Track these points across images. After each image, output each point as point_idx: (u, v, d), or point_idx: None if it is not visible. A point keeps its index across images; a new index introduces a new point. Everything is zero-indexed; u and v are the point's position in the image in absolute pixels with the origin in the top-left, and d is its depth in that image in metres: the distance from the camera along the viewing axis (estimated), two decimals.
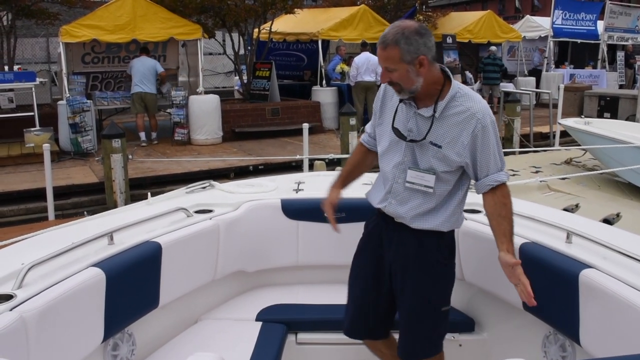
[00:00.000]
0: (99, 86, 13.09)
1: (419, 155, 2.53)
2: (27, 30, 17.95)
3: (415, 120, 2.52)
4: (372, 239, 2.78)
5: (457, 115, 2.47)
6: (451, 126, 2.47)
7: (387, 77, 2.46)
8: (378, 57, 2.48)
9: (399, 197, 2.60)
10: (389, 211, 2.63)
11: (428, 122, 2.48)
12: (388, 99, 2.66)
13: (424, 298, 2.64)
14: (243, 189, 3.79)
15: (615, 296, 2.31)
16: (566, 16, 19.74)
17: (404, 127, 2.55)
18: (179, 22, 12.23)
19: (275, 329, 3.17)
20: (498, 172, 2.51)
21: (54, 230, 3.11)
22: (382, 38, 2.42)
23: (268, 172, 9.37)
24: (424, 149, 2.51)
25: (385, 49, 2.41)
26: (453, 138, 2.47)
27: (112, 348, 2.77)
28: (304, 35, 15.17)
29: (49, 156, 7.71)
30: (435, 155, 2.49)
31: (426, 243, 2.61)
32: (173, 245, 2.98)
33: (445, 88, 2.49)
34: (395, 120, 2.57)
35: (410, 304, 2.66)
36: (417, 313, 2.66)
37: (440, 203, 2.58)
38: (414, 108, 2.53)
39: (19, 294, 2.25)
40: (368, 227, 2.83)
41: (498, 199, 2.52)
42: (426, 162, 2.52)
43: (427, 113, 2.49)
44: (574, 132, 9.36)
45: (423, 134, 2.49)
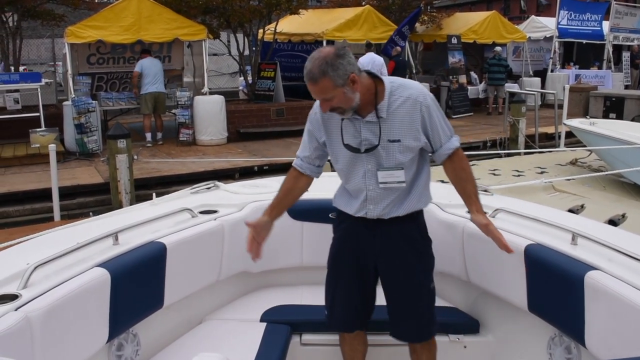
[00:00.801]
0: (104, 87, 13.13)
1: (383, 156, 2.62)
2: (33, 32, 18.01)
3: (367, 128, 2.61)
4: (348, 241, 2.84)
5: (401, 107, 2.59)
6: (401, 118, 2.59)
7: (328, 106, 2.50)
8: (311, 92, 2.50)
9: (375, 200, 2.69)
10: (371, 214, 2.71)
11: (376, 125, 2.60)
12: (327, 119, 2.69)
13: (418, 280, 2.80)
14: (248, 189, 3.79)
15: (621, 298, 2.30)
16: (571, 17, 19.70)
17: (357, 140, 2.63)
18: (184, 22, 12.25)
19: (279, 329, 3.17)
20: (449, 140, 2.66)
21: (59, 230, 3.12)
22: (309, 74, 2.44)
23: (273, 173, 9.37)
24: (385, 149, 2.61)
25: (317, 83, 2.44)
26: (406, 128, 2.59)
27: (117, 348, 2.77)
28: (308, 35, 15.18)
29: (54, 156, 7.73)
30: (397, 150, 2.61)
31: (406, 228, 2.76)
32: (178, 246, 2.98)
33: (380, 89, 2.59)
34: (344, 137, 2.64)
35: (406, 290, 2.80)
36: (415, 296, 2.81)
37: (412, 186, 2.72)
38: (359, 119, 2.61)
39: (24, 294, 2.25)
40: (339, 230, 2.90)
41: (457, 165, 2.69)
42: (391, 160, 2.62)
43: (373, 118, 2.60)
44: (579, 132, 9.34)
45: (378, 137, 2.60)
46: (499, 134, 13.06)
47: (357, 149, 2.63)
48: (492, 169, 9.00)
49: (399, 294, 2.82)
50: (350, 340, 3.01)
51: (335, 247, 2.91)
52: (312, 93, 2.51)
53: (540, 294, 2.77)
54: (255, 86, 14.19)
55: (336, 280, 2.92)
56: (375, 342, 3.13)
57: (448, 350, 3.20)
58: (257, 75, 14.19)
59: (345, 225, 2.84)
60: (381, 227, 2.73)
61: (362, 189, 2.69)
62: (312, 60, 2.45)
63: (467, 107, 16.63)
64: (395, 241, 2.75)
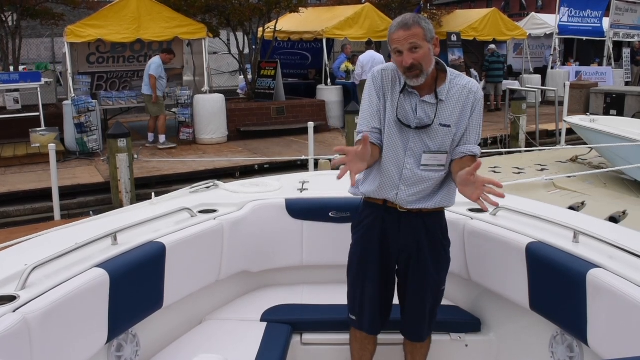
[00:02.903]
0: (104, 86, 13.11)
1: (428, 138, 2.61)
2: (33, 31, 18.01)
3: (422, 108, 2.61)
4: (373, 235, 2.79)
5: (458, 94, 2.62)
6: (454, 105, 2.61)
7: (411, 58, 2.48)
8: (399, 39, 2.48)
9: (408, 182, 2.66)
10: (400, 198, 2.67)
11: (433, 107, 2.60)
12: (386, 86, 2.68)
13: (432, 279, 2.78)
14: (247, 188, 3.77)
15: (623, 296, 2.29)
16: (572, 13, 19.66)
17: (410, 117, 2.61)
18: (184, 21, 12.23)
19: (280, 329, 3.15)
20: (475, 144, 2.65)
21: (57, 230, 3.10)
22: (402, 21, 2.49)
23: (274, 171, 9.37)
24: (433, 132, 2.60)
25: (410, 29, 2.47)
26: (458, 115, 2.61)
27: (116, 349, 2.76)
28: (308, 34, 15.15)
29: (54, 156, 7.72)
30: (445, 135, 2.61)
31: (430, 224, 2.75)
32: (177, 246, 2.96)
33: (441, 74, 2.63)
34: (398, 111, 2.62)
35: (420, 286, 2.77)
36: (427, 294, 2.79)
37: (445, 180, 2.71)
38: (417, 97, 2.61)
39: (22, 295, 2.24)
40: (362, 228, 2.83)
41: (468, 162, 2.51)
42: (437, 144, 2.61)
43: (431, 100, 2.60)
44: (579, 129, 9.32)
45: (432, 119, 2.59)
46: (499, 132, 13.03)
47: (408, 125, 2.61)
48: (492, 167, 8.99)
49: (413, 292, 2.80)
50: (362, 339, 2.98)
51: (361, 246, 2.84)
52: (397, 41, 2.48)
53: (542, 292, 2.76)
54: (255, 85, 14.17)
55: (363, 280, 2.84)
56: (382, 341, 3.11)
57: (449, 349, 3.19)
58: (258, 74, 14.17)
59: (369, 220, 2.79)
60: (407, 220, 2.71)
61: (399, 166, 2.65)
62: (404, 15, 2.53)
63: None
64: (418, 237, 2.73)
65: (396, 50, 2.51)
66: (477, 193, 2.30)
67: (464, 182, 2.36)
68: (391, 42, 2.54)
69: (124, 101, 12.45)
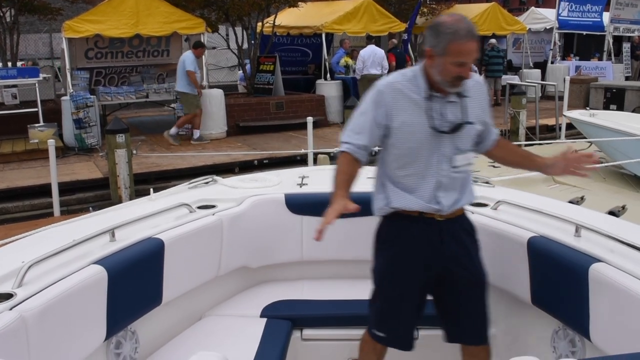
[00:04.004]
0: (103, 81, 13.06)
1: (459, 139, 2.56)
2: (31, 26, 17.95)
3: (449, 109, 2.55)
4: (413, 250, 2.64)
5: (474, 90, 2.61)
6: (474, 101, 2.60)
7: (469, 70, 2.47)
8: (470, 52, 2.40)
9: (446, 186, 2.59)
10: (444, 204, 2.57)
11: (458, 106, 2.56)
12: (396, 100, 2.54)
13: (484, 276, 2.71)
14: (246, 183, 3.75)
15: (626, 290, 2.27)
16: (572, 8, 19.60)
17: (439, 121, 2.52)
18: (182, 16, 12.18)
19: (280, 325, 3.14)
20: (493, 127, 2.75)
21: (55, 227, 3.08)
22: (471, 31, 2.39)
23: (273, 166, 9.35)
24: (463, 131, 2.56)
25: (477, 41, 2.43)
26: (478, 111, 2.61)
27: (115, 346, 2.74)
28: (307, 28, 15.11)
29: (53, 152, 7.70)
30: (470, 132, 2.59)
31: (466, 224, 2.72)
32: (176, 242, 2.94)
33: None
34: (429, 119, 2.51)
35: (476, 290, 2.69)
36: (483, 294, 2.71)
37: (468, 176, 2.70)
38: (441, 99, 2.54)
39: (18, 293, 2.21)
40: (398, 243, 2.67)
41: (506, 144, 2.83)
42: (465, 143, 2.59)
43: (455, 98, 2.56)
44: (579, 124, 9.30)
45: (460, 118, 2.55)
46: (499, 126, 12.91)
47: (442, 130, 2.51)
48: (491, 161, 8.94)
49: (468, 293, 2.67)
50: (382, 349, 2.85)
51: (399, 263, 2.67)
52: (467, 54, 2.39)
53: (544, 287, 2.74)
54: (254, 79, 14.13)
55: (400, 300, 2.69)
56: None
57: (449, 344, 3.16)
58: (256, 69, 14.12)
59: (407, 234, 2.64)
60: (447, 227, 2.61)
61: (433, 175, 2.55)
62: (463, 20, 2.40)
63: None
64: (462, 240, 2.65)
65: (460, 62, 2.40)
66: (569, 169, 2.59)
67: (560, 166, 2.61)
68: (455, 52, 2.38)
69: (123, 97, 12.41)
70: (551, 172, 2.65)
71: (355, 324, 3.24)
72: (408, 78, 2.56)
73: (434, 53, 2.44)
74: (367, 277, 3.60)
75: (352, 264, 3.63)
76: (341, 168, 2.61)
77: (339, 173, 2.60)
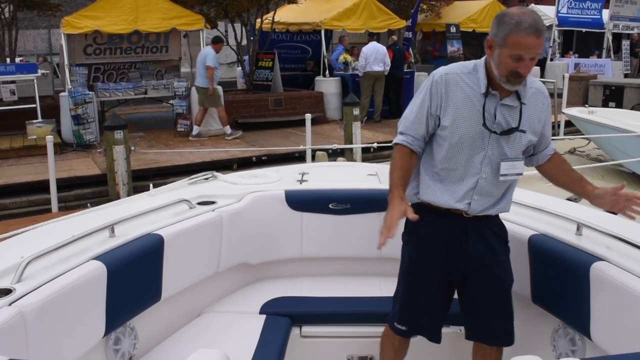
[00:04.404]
0: (101, 77, 13.04)
1: (506, 145, 2.48)
2: (29, 22, 17.91)
3: (502, 111, 2.46)
4: (438, 244, 2.61)
5: (533, 98, 2.52)
6: (532, 109, 2.51)
7: (530, 68, 2.36)
8: (529, 46, 2.29)
9: (482, 190, 2.52)
10: (473, 208, 2.53)
11: (514, 110, 2.47)
12: (450, 93, 2.48)
13: (509, 281, 2.67)
14: (246, 180, 3.74)
15: (627, 289, 2.26)
16: (571, 5, 19.58)
17: (489, 122, 2.45)
18: (181, 12, 12.15)
19: (279, 322, 3.13)
20: (551, 141, 2.65)
21: (54, 222, 3.06)
22: (535, 25, 2.27)
23: (271, 163, 9.33)
24: (511, 138, 2.48)
25: (540, 37, 2.30)
26: (534, 120, 2.52)
27: (114, 342, 2.73)
28: (306, 25, 15.07)
29: (52, 148, 7.68)
30: (521, 140, 2.50)
31: (496, 225, 2.66)
32: (175, 238, 2.93)
33: None
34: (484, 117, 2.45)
35: (500, 292, 2.64)
36: (507, 296, 2.66)
37: (511, 185, 2.62)
38: (496, 99, 2.45)
39: (18, 288, 2.20)
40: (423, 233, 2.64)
41: (560, 161, 2.69)
42: (514, 150, 2.50)
43: (512, 102, 2.47)
44: (577, 121, 9.30)
45: (511, 124, 2.46)
46: None
47: (493, 131, 2.44)
48: None
49: (491, 294, 2.64)
50: (400, 346, 2.83)
51: (424, 256, 2.65)
52: (526, 47, 2.28)
53: (545, 285, 2.73)
54: (253, 76, 14.10)
55: (422, 293, 2.67)
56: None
57: (450, 342, 3.16)
58: (255, 65, 14.10)
59: (432, 226, 2.60)
60: (474, 225, 2.57)
61: (473, 175, 2.49)
62: (530, 13, 2.29)
63: None
64: (489, 241, 2.61)
65: (518, 56, 2.31)
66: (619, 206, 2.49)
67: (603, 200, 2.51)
68: (514, 45, 2.29)
69: (121, 93, 12.37)
70: (598, 203, 2.53)
71: (354, 321, 3.23)
72: (468, 70, 2.50)
73: (494, 43, 2.37)
74: (367, 275, 3.61)
75: (352, 261, 3.62)
76: (398, 164, 2.53)
77: (395, 170, 2.52)
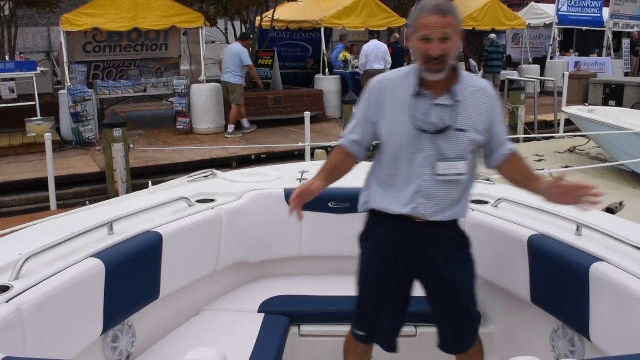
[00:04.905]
0: (101, 75, 13.01)
1: (445, 145, 2.43)
2: (29, 20, 17.87)
3: (436, 111, 2.42)
4: (390, 248, 2.59)
5: (473, 97, 2.45)
6: (470, 108, 2.44)
7: (441, 49, 2.29)
8: (432, 25, 2.28)
9: (427, 194, 2.47)
10: (419, 212, 2.48)
11: (448, 109, 2.42)
12: (386, 96, 2.50)
13: (469, 285, 2.63)
14: (246, 178, 3.73)
15: (627, 290, 2.25)
16: (571, 3, 19.56)
17: (423, 123, 2.42)
18: (181, 10, 12.12)
19: (278, 320, 3.12)
20: (507, 141, 2.56)
21: (53, 220, 3.06)
22: (437, 5, 2.29)
23: (270, 161, 9.32)
24: (449, 137, 2.42)
25: (446, 16, 2.28)
26: (475, 119, 2.45)
27: (112, 340, 2.72)
28: (306, 23, 15.06)
29: (50, 146, 7.68)
30: (462, 141, 2.43)
31: (452, 232, 2.60)
32: (174, 236, 2.92)
33: (454, 72, 2.44)
34: (411, 118, 2.43)
35: (452, 299, 2.61)
36: (465, 303, 2.62)
37: (464, 189, 2.55)
38: (429, 99, 2.42)
39: (15, 286, 2.20)
40: (375, 239, 2.65)
41: (515, 160, 2.56)
42: (454, 151, 2.44)
43: (446, 101, 2.42)
44: (577, 120, 9.30)
45: (446, 123, 2.41)
46: None
47: (424, 131, 2.40)
48: None
49: (443, 301, 2.63)
50: (363, 353, 2.81)
51: (376, 260, 2.64)
52: (430, 27, 2.28)
53: (544, 286, 2.73)
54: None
55: (377, 297, 2.66)
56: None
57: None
58: (255, 63, 14.07)
59: (382, 231, 2.60)
60: (425, 230, 2.52)
61: (416, 178, 2.46)
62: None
63: None
64: (440, 246, 2.56)
65: (425, 37, 2.30)
66: (571, 199, 2.40)
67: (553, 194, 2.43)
68: (419, 27, 2.31)
69: (121, 91, 12.34)
70: (549, 198, 2.47)
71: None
72: (401, 75, 2.51)
73: (410, 35, 2.42)
74: None
75: (351, 260, 3.59)
76: (330, 157, 2.70)
77: (327, 161, 2.70)
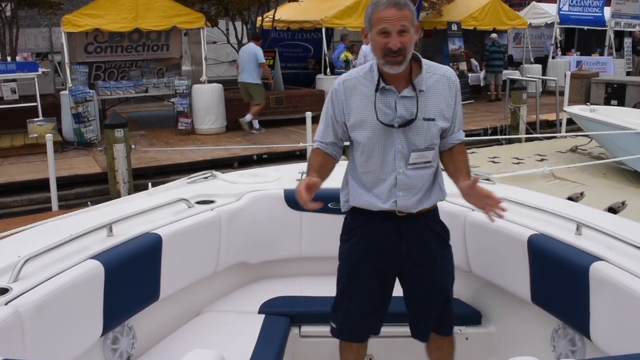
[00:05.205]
0: (102, 76, 13.03)
1: (415, 136, 2.46)
2: (31, 21, 17.89)
3: (403, 104, 2.45)
4: (370, 244, 2.61)
5: (437, 84, 2.49)
6: (436, 96, 2.48)
7: (399, 42, 2.31)
8: (389, 18, 2.31)
9: (404, 186, 2.50)
10: (402, 205, 2.51)
11: (414, 101, 2.45)
12: (351, 95, 2.52)
13: (447, 274, 2.68)
14: (245, 179, 3.73)
15: (627, 289, 2.25)
16: (573, 2, 19.52)
17: (390, 117, 2.46)
18: (182, 10, 12.13)
19: (278, 321, 3.12)
20: (459, 130, 2.59)
21: (52, 221, 3.06)
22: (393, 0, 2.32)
23: (272, 161, 9.33)
24: (418, 128, 2.46)
25: (402, 9, 2.31)
26: (442, 106, 2.49)
27: (112, 342, 2.72)
28: (307, 23, 15.06)
29: (52, 146, 7.68)
30: (431, 129, 2.47)
31: (432, 223, 2.63)
32: (174, 237, 2.92)
33: (415, 64, 2.48)
34: (377, 113, 2.46)
35: (438, 285, 2.65)
36: (445, 290, 2.67)
37: (436, 173, 2.60)
38: (394, 94, 2.45)
39: (14, 288, 2.20)
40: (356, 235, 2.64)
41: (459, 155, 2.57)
42: (424, 140, 2.47)
43: (410, 93, 2.45)
44: (579, 119, 9.28)
45: (414, 114, 2.44)
46: (499, 122, 12.98)
47: (391, 125, 2.44)
48: (491, 157, 8.95)
49: (421, 292, 2.65)
50: (358, 348, 2.81)
51: (356, 256, 2.65)
52: (387, 20, 2.31)
53: (544, 285, 2.72)
54: None
55: (356, 290, 2.67)
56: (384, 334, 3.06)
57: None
58: None
59: (365, 227, 2.61)
60: (407, 223, 2.55)
61: (390, 172, 2.49)
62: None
63: (468, 94, 16.52)
64: (422, 238, 2.59)
65: (383, 30, 2.33)
66: (481, 204, 2.41)
67: (466, 194, 2.45)
68: (377, 21, 2.34)
69: (122, 91, 12.36)
70: (463, 196, 2.48)
71: None
72: (364, 72, 2.53)
73: (366, 31, 2.43)
74: None
75: None
76: (311, 159, 2.65)
77: (309, 163, 2.64)
